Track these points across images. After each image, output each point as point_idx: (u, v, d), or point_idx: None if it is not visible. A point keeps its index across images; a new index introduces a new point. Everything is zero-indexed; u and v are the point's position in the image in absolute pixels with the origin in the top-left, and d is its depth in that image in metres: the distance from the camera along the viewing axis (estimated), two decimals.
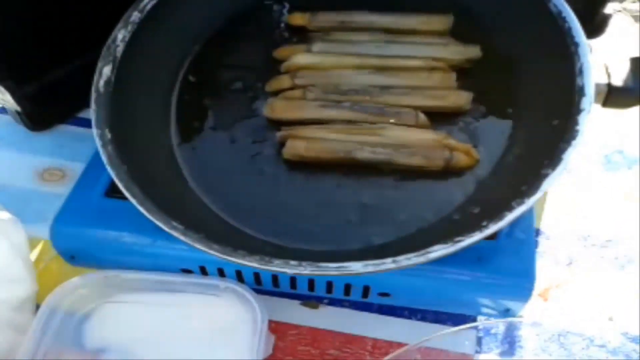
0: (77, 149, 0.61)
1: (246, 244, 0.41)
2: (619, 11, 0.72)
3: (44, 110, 0.62)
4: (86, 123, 0.63)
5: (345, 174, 0.46)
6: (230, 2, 0.57)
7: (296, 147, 0.46)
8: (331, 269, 0.36)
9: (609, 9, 0.66)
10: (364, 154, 0.45)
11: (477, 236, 0.37)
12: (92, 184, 0.49)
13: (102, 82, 0.45)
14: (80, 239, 0.48)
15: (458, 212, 0.43)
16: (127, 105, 0.46)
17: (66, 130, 0.63)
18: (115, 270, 0.48)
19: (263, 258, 0.37)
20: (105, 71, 0.46)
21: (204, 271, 0.47)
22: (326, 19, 0.54)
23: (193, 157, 0.47)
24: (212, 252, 0.37)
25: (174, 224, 0.38)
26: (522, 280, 0.43)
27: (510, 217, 0.38)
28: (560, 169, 0.40)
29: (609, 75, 0.46)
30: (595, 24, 0.61)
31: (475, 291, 0.45)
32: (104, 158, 0.41)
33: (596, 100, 0.46)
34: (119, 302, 0.48)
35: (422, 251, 0.36)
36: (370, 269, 0.36)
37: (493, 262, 0.43)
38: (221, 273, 0.47)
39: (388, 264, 0.36)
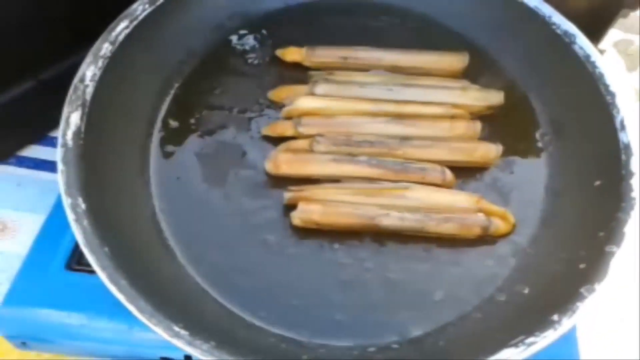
0: (19, 195, 0.52)
1: (258, 342, 0.33)
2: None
3: None
4: (29, 163, 0.53)
5: (364, 243, 0.40)
6: (211, 31, 0.49)
7: (310, 212, 0.38)
8: None
9: (603, 44, 0.63)
10: (391, 221, 0.38)
11: (551, 335, 0.31)
12: (50, 254, 0.40)
13: (70, 134, 0.37)
14: (35, 324, 0.39)
15: (503, 291, 0.37)
16: (101, 162, 0.38)
17: (4, 172, 0.53)
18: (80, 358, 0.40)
19: None
20: (74, 119, 0.37)
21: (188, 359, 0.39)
22: (326, 54, 0.47)
23: (181, 225, 0.39)
24: None
25: (177, 329, 0.30)
26: None
27: (583, 307, 0.32)
28: (625, 245, 0.34)
29: None
30: None
31: None
32: (79, 238, 0.32)
33: None
34: None
35: (490, 358, 0.30)
36: None
37: None
38: None
39: None
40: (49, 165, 0.53)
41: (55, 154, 0.50)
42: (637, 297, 0.47)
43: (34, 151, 0.54)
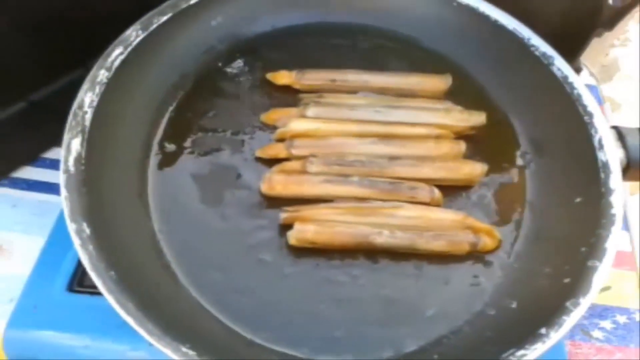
0: (12, 215, 0.52)
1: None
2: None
3: None
4: (23, 184, 0.54)
5: (358, 262, 0.41)
6: (203, 54, 0.50)
7: (305, 232, 0.40)
8: None
9: (578, 62, 0.66)
10: (383, 239, 0.40)
11: (540, 348, 0.33)
12: (51, 276, 0.41)
13: (71, 160, 0.38)
14: (39, 346, 0.39)
15: (492, 306, 0.39)
16: (101, 186, 0.38)
17: None
18: None
19: None
20: (74, 145, 0.38)
21: None
22: (315, 77, 0.49)
23: (181, 247, 0.40)
24: None
25: (185, 349, 0.31)
26: None
27: (570, 321, 0.34)
28: (607, 260, 0.37)
29: (626, 148, 0.44)
30: None
31: None
32: (85, 262, 0.33)
33: None
34: None
35: None
36: None
37: None
38: None
39: None
40: (42, 186, 0.54)
41: (49, 175, 0.51)
42: None
43: (28, 172, 0.54)
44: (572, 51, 0.65)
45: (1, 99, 0.49)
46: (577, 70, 0.68)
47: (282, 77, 0.49)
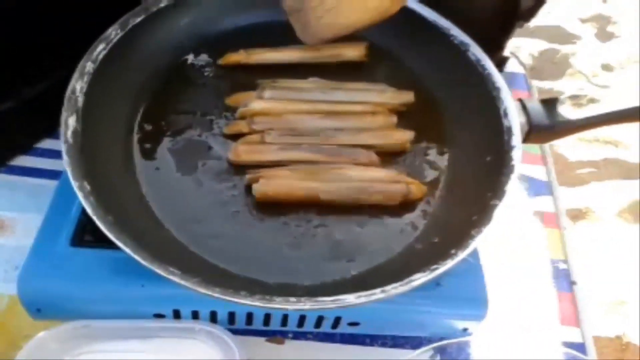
0: (11, 197, 0.59)
1: (233, 283, 0.43)
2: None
3: None
4: (19, 171, 0.61)
5: (311, 214, 0.50)
6: (173, 49, 0.59)
7: (266, 187, 0.49)
8: (328, 302, 0.40)
9: (506, 52, 0.76)
10: (330, 195, 0.49)
11: (449, 263, 0.42)
12: (56, 234, 0.48)
13: (69, 133, 0.46)
14: (48, 292, 0.46)
15: (420, 242, 0.48)
16: (95, 155, 0.47)
17: None
18: (84, 320, 0.47)
19: (264, 297, 0.39)
20: (71, 122, 0.46)
21: (177, 315, 0.48)
22: (259, 52, 0.59)
23: (165, 204, 0.48)
24: (215, 294, 0.39)
25: (171, 269, 0.39)
26: (478, 301, 0.49)
27: (473, 244, 0.43)
28: (505, 199, 0.46)
29: (528, 116, 0.54)
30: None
31: (437, 314, 0.50)
32: (89, 210, 0.41)
33: None
34: (91, 353, 0.47)
35: (406, 280, 0.41)
36: (362, 299, 0.40)
37: (452, 286, 0.48)
38: (195, 315, 0.48)
39: (378, 294, 0.40)
40: (37, 172, 0.61)
41: (42, 162, 0.59)
42: None
43: (23, 160, 0.62)
44: (497, 42, 0.75)
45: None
46: (504, 60, 0.79)
47: (231, 57, 0.58)
